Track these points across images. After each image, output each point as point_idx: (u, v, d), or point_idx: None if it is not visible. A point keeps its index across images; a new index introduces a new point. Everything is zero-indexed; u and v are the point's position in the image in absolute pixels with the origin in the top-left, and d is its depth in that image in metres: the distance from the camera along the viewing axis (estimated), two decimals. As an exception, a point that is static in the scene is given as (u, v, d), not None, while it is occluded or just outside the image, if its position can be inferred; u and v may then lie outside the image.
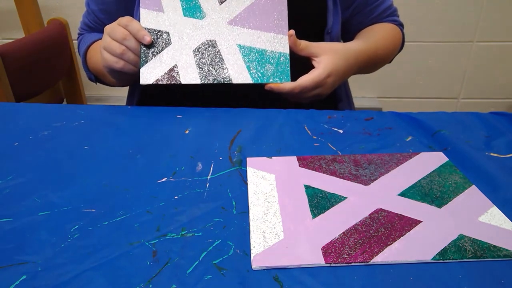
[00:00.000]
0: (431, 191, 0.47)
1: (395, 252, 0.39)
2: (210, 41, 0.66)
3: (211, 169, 0.52)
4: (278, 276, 0.36)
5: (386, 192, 0.47)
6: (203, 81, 0.65)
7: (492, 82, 1.85)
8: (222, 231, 0.42)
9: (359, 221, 0.43)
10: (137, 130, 0.62)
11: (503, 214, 0.43)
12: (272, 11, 0.67)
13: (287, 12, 0.67)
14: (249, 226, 0.42)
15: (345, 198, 0.46)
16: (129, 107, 0.69)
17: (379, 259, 0.38)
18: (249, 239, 0.40)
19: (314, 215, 0.43)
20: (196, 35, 0.66)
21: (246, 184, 0.49)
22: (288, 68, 0.66)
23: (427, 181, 0.49)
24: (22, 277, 0.36)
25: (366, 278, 0.36)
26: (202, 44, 0.66)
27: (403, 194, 0.47)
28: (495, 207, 0.45)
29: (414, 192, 0.47)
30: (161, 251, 0.39)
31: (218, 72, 0.65)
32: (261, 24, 0.66)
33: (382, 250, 0.39)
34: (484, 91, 1.87)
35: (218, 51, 0.66)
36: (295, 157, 0.54)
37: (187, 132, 0.61)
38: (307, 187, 0.48)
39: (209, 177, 0.50)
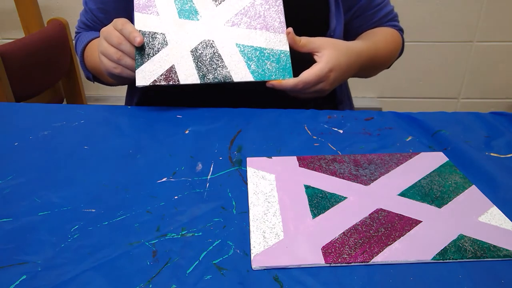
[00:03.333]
0: (431, 191, 0.47)
1: (395, 252, 0.39)
2: (208, 41, 0.65)
3: (211, 169, 0.52)
4: (278, 276, 0.36)
5: (386, 192, 0.47)
6: (202, 81, 0.64)
7: (492, 82, 1.85)
8: (222, 231, 0.42)
9: (359, 221, 0.43)
10: (137, 130, 0.62)
11: (503, 214, 0.43)
12: (269, 11, 0.66)
13: (283, 11, 0.66)
14: (249, 226, 0.42)
15: (345, 198, 0.46)
16: (129, 107, 0.69)
17: (379, 259, 0.38)
18: (249, 239, 0.40)
19: (314, 215, 0.43)
20: (193, 35, 0.65)
21: (246, 184, 0.49)
22: (290, 65, 0.65)
23: (427, 181, 0.49)
24: (22, 277, 0.36)
25: (366, 278, 0.36)
26: (199, 44, 0.65)
27: (403, 194, 0.47)
28: (495, 207, 0.45)
29: (414, 192, 0.47)
30: (161, 251, 0.39)
31: (218, 71, 0.64)
32: (258, 24, 0.66)
33: (382, 250, 0.39)
34: (484, 91, 1.87)
35: (216, 51, 0.65)
36: (295, 157, 0.54)
37: (187, 132, 0.61)
38: (307, 187, 0.48)
39: (209, 177, 0.50)
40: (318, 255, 0.38)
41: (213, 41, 0.65)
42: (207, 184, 0.49)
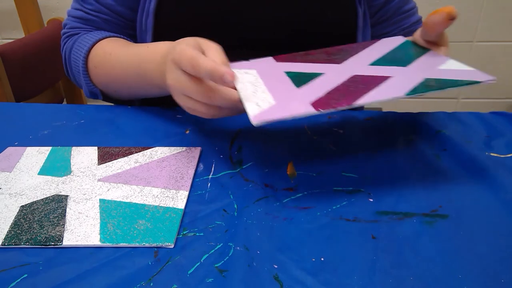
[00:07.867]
0: (396, 58, 0.55)
1: (374, 95, 0.45)
2: (58, 196, 0.46)
3: (212, 169, 0.52)
4: (278, 276, 0.36)
5: (358, 64, 0.54)
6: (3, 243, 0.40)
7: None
8: (224, 234, 0.42)
9: (340, 83, 0.48)
10: (137, 130, 0.62)
11: (461, 63, 0.51)
12: (177, 172, 0.51)
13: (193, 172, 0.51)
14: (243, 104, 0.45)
15: (323, 73, 0.51)
16: (129, 107, 0.69)
17: (360, 101, 0.43)
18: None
19: (299, 86, 0.48)
20: (37, 192, 0.47)
21: (247, 182, 0.49)
22: (176, 229, 0.41)
23: (392, 53, 0.57)
24: (23, 275, 0.36)
25: (366, 278, 0.36)
26: (41, 200, 0.46)
27: (373, 63, 0.54)
28: (453, 60, 0.52)
29: (382, 61, 0.55)
30: (162, 250, 0.39)
31: (46, 230, 0.41)
32: (153, 181, 0.49)
33: (362, 96, 0.44)
34: (484, 91, 1.87)
35: (62, 207, 0.44)
36: (270, 57, 0.58)
37: (187, 132, 0.61)
38: (287, 72, 0.52)
39: (210, 177, 0.50)
40: (309, 107, 0.43)
41: (67, 197, 0.46)
42: (209, 184, 0.49)
